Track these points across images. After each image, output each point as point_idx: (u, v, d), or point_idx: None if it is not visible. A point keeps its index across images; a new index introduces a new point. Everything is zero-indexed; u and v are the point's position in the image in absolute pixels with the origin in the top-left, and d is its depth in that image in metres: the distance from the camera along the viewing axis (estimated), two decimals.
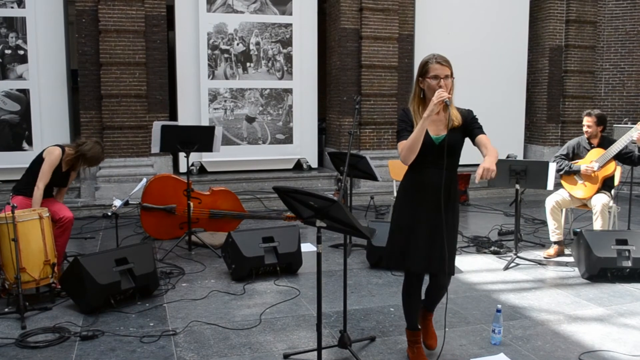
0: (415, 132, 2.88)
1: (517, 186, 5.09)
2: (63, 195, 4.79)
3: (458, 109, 3.04)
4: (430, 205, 2.95)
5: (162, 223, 5.79)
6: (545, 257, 5.35)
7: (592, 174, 5.29)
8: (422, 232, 2.98)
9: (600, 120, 5.34)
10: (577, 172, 5.36)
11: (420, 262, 3.00)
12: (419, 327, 3.30)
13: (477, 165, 3.36)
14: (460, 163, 3.12)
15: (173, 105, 8.20)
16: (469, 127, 3.00)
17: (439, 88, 2.87)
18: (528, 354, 3.34)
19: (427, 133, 2.94)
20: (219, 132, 5.66)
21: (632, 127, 5.14)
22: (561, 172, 5.41)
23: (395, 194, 6.35)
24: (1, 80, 7.41)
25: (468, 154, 3.23)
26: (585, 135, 5.40)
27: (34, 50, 7.42)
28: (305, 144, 8.67)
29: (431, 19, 8.86)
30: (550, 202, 5.42)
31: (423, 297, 3.27)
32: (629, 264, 4.60)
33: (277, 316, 3.90)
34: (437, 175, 2.92)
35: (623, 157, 5.26)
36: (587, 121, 5.34)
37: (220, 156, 7.58)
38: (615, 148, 5.19)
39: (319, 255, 2.91)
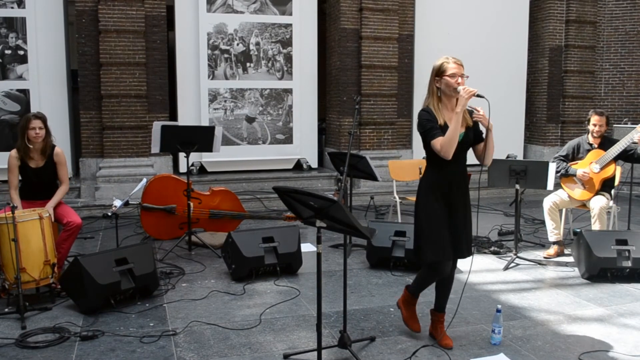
0: (453, 127, 3.05)
1: (517, 186, 5.09)
2: (62, 193, 4.57)
3: None
4: (451, 199, 3.20)
5: (162, 223, 5.79)
6: (545, 257, 5.35)
7: (591, 175, 5.26)
8: (448, 224, 3.21)
9: (609, 120, 5.35)
10: (574, 175, 5.35)
11: (446, 252, 3.21)
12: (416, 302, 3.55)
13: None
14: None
15: (173, 105, 8.20)
16: (476, 132, 3.26)
17: (458, 85, 3.07)
18: (528, 354, 3.34)
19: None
20: (218, 132, 5.67)
21: (634, 128, 5.11)
22: (558, 174, 5.38)
23: (395, 194, 6.36)
24: (1, 80, 7.40)
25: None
26: (596, 135, 5.31)
27: (34, 51, 7.42)
28: (305, 144, 8.67)
29: (431, 19, 8.85)
30: (547, 203, 5.41)
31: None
32: (629, 264, 4.60)
33: (277, 316, 3.90)
34: (455, 171, 3.18)
35: (625, 156, 5.22)
36: (599, 120, 5.27)
37: (220, 156, 7.58)
38: (615, 149, 5.16)
39: (319, 255, 2.91)
